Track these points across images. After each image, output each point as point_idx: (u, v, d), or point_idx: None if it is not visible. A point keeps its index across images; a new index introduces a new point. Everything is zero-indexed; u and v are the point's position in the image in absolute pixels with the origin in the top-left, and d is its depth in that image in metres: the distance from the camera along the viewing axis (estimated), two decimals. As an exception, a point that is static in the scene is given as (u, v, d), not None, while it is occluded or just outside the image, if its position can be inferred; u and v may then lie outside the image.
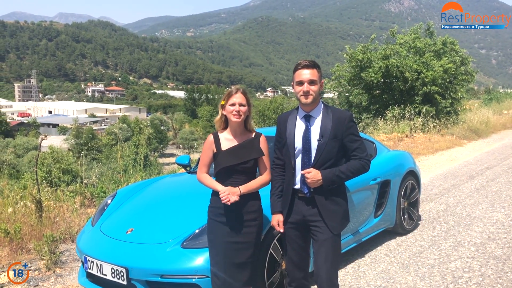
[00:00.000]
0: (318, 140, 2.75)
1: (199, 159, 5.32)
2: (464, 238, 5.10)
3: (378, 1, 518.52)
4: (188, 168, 4.91)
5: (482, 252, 4.65)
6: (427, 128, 14.43)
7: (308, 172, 2.70)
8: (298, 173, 2.80)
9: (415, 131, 14.42)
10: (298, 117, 2.86)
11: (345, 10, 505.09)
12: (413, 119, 14.55)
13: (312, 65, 2.80)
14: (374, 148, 5.16)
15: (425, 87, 15.88)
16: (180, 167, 5.19)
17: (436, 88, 15.89)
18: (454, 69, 16.51)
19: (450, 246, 4.84)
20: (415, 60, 16.40)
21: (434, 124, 14.66)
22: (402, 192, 5.15)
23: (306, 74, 2.77)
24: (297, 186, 2.83)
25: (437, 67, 16.20)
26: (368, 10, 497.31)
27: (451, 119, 16.08)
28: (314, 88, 2.77)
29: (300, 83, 2.78)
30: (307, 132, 2.78)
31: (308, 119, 2.81)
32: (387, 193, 4.89)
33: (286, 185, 2.89)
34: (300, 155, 2.80)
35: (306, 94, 2.76)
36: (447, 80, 16.49)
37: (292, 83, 2.89)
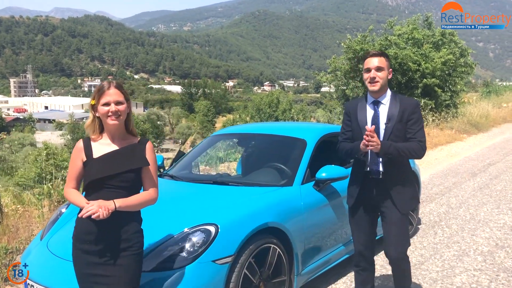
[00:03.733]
0: (385, 123, 2.86)
1: (173, 160, 4.82)
2: (470, 245, 4.60)
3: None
4: (161, 170, 4.38)
5: (491, 262, 4.15)
6: (426, 122, 13.94)
7: (373, 136, 2.72)
8: (370, 156, 2.91)
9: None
10: (367, 103, 2.98)
11: (342, 4, 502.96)
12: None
13: (380, 53, 2.91)
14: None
15: (425, 79, 15.39)
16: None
17: (436, 80, 15.41)
18: (454, 61, 16.01)
19: (454, 255, 4.34)
20: (414, 52, 15.88)
21: (433, 118, 14.15)
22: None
23: (373, 61, 2.87)
24: (369, 167, 2.93)
25: (437, 59, 15.70)
26: (365, 3, 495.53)
27: (450, 112, 15.58)
28: (381, 74, 2.86)
29: (368, 70, 2.90)
30: (376, 117, 2.90)
31: (377, 104, 2.93)
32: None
33: (356, 168, 3.03)
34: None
35: (373, 80, 2.85)
36: (446, 72, 15.99)
37: (363, 72, 3.00)
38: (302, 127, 4.66)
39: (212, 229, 2.74)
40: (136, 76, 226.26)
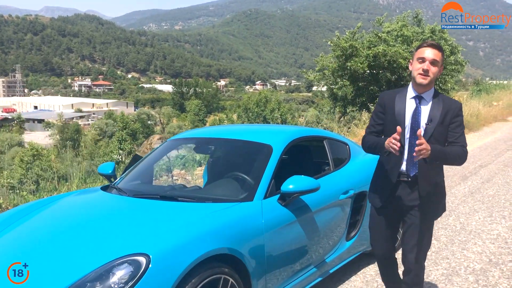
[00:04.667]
0: (426, 124, 2.65)
1: (126, 167, 4.28)
2: (460, 262, 4.11)
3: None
4: (112, 179, 3.83)
5: (484, 283, 3.66)
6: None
7: (421, 144, 2.45)
8: (404, 154, 2.69)
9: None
10: (407, 96, 2.73)
11: (333, 3, 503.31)
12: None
13: (438, 46, 2.67)
14: (347, 150, 4.12)
15: (413, 78, 14.99)
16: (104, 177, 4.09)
17: (425, 78, 15.02)
18: (444, 59, 15.62)
19: (442, 274, 3.85)
20: (403, 49, 15.46)
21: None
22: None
23: (430, 53, 2.62)
24: (403, 167, 2.72)
25: (426, 56, 15.31)
26: (356, 2, 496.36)
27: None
28: (434, 69, 2.64)
29: (422, 60, 2.63)
30: (417, 113, 2.67)
31: (419, 100, 2.69)
32: (364, 208, 3.88)
33: (390, 166, 2.75)
34: (409, 135, 2.67)
35: (426, 73, 2.61)
36: (435, 70, 15.61)
37: (410, 60, 2.73)
38: (268, 130, 4.10)
39: (142, 260, 2.21)
40: (127, 76, 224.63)
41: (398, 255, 3.00)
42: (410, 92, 2.73)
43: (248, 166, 3.31)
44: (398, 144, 2.49)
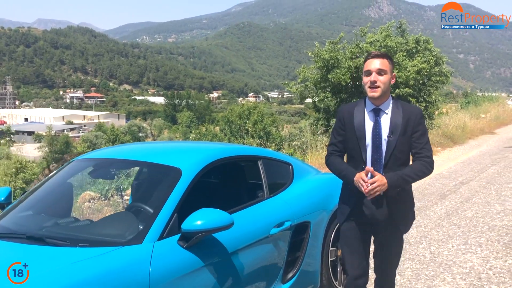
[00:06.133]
0: (388, 137, 2.54)
1: (23, 193, 3.62)
2: (423, 305, 3.49)
3: (358, 7, 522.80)
4: (6, 206, 3.17)
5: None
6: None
7: (373, 182, 2.42)
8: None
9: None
10: (366, 110, 2.61)
11: (325, 16, 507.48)
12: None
13: (383, 54, 2.58)
14: (290, 172, 3.50)
15: (397, 89, 14.51)
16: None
17: (409, 90, 14.55)
18: (428, 70, 15.19)
19: (399, 322, 3.22)
20: (385, 60, 15.00)
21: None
22: (333, 236, 3.50)
23: (375, 63, 2.54)
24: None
25: (410, 67, 14.86)
26: (348, 15, 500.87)
27: (426, 124, 14.69)
28: (382, 79, 2.52)
29: (368, 72, 2.56)
30: (377, 127, 2.56)
31: (377, 113, 2.57)
32: (305, 242, 3.24)
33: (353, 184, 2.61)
34: (370, 151, 2.56)
35: (373, 85, 2.50)
36: (421, 81, 15.12)
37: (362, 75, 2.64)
38: (182, 149, 3.40)
39: None
40: (119, 88, 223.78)
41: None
42: (368, 105, 2.61)
43: (150, 195, 2.67)
44: (365, 186, 2.43)
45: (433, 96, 15.33)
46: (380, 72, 2.50)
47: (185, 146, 3.81)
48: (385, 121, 2.56)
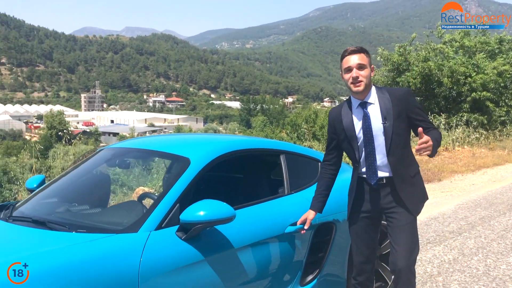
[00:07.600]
0: (383, 124, 2.54)
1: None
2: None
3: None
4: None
5: None
6: (469, 140, 12.01)
7: (425, 141, 2.38)
8: (363, 165, 2.62)
9: (461, 144, 11.99)
10: (352, 107, 2.64)
11: (407, 19, 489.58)
12: (455, 130, 12.15)
13: (359, 49, 2.61)
14: (318, 169, 3.28)
15: (474, 93, 13.52)
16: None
17: (488, 94, 13.48)
18: (511, 72, 14.00)
19: None
20: (463, 62, 14.02)
21: (477, 136, 12.18)
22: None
23: (353, 59, 2.57)
24: (364, 176, 2.64)
25: (490, 70, 13.78)
26: (431, 18, 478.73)
27: (505, 130, 13.50)
28: (363, 73, 2.55)
29: (348, 69, 2.57)
30: (367, 120, 2.56)
31: (364, 106, 2.59)
32: (329, 244, 3.01)
33: (353, 177, 2.73)
34: (363, 145, 2.59)
35: (356, 80, 2.53)
36: (502, 84, 13.95)
37: (340, 73, 2.68)
38: (195, 140, 3.31)
39: None
40: (199, 92, 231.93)
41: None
42: (353, 102, 2.64)
43: (159, 184, 2.61)
44: (429, 142, 2.38)
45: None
46: (360, 66, 2.54)
47: (200, 137, 3.71)
48: (375, 110, 2.56)
